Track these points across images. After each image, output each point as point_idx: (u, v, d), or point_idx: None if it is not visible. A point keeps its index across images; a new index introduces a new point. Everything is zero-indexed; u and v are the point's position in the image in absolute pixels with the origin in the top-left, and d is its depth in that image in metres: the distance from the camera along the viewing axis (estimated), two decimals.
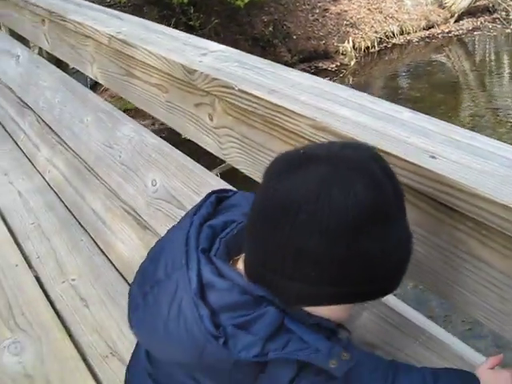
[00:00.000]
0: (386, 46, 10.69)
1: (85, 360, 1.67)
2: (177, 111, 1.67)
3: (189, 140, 1.64)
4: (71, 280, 1.99)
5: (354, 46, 10.22)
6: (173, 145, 1.85)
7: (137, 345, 1.09)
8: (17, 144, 3.04)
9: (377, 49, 10.53)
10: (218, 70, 1.43)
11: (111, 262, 2.01)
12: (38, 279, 2.03)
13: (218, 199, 1.01)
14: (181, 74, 1.54)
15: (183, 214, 1.63)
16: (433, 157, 0.94)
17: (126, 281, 1.92)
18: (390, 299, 1.09)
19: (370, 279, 0.81)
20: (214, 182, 1.60)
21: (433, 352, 1.00)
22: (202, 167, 1.68)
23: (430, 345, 1.01)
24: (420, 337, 1.02)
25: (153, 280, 0.92)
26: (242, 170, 1.43)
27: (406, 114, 1.11)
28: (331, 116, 1.12)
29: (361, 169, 0.79)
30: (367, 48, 10.41)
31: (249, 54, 1.57)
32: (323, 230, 0.77)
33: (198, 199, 1.57)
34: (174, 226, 1.02)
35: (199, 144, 1.59)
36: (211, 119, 1.50)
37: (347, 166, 0.79)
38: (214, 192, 1.02)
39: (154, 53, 1.68)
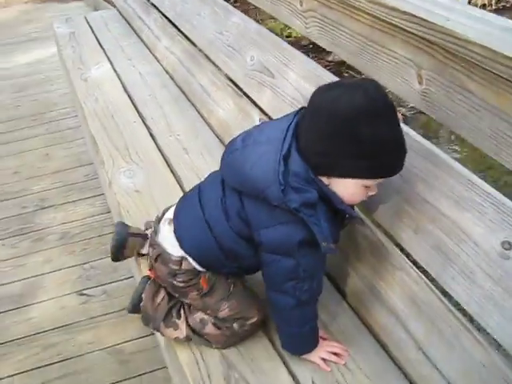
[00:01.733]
0: (504, 6, 10.54)
1: (181, 186, 2.16)
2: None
3: None
4: (177, 135, 2.49)
5: (469, 2, 10.16)
6: None
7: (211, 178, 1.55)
8: (140, 38, 3.56)
9: (494, 7, 10.40)
10: None
11: (210, 126, 2.50)
12: (150, 134, 2.54)
13: None
14: None
15: (273, 80, 2.08)
16: (448, 20, 1.32)
17: (221, 140, 2.40)
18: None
19: (382, 154, 1.26)
20: (301, 57, 2.02)
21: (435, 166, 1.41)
22: (293, 47, 2.10)
23: (434, 162, 1.42)
24: (429, 157, 1.43)
25: (256, 140, 1.38)
26: (320, 44, 1.85)
27: None
28: None
29: (361, 87, 1.26)
30: (483, 5, 10.31)
31: None
32: (341, 120, 1.24)
33: (286, 69, 2.02)
34: (276, 119, 1.48)
35: (289, 25, 2.02)
36: (301, 4, 1.92)
37: (354, 87, 1.28)
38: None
39: None
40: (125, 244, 1.75)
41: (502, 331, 1.20)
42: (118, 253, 1.77)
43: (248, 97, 2.29)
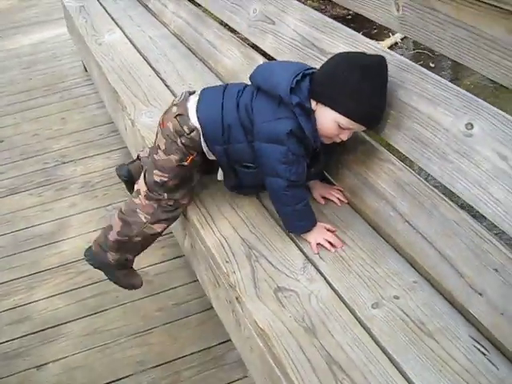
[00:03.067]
0: None
1: None
2: None
3: None
4: (189, 84, 2.81)
5: None
6: None
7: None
8: (146, 7, 3.87)
9: None
10: None
11: (218, 75, 2.82)
12: (165, 85, 2.86)
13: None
14: None
15: (274, 26, 2.39)
16: None
17: None
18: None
19: (362, 103, 1.67)
20: (298, 4, 2.35)
21: (410, 73, 1.75)
22: None
23: (408, 70, 1.75)
24: (404, 67, 1.76)
25: (285, 61, 1.87)
26: None
27: None
28: None
29: (378, 57, 1.72)
30: None
31: None
32: (347, 64, 1.71)
33: (284, 15, 2.35)
34: None
35: None
36: None
37: (372, 55, 1.76)
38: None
39: None
40: (131, 172, 2.19)
41: (468, 192, 1.53)
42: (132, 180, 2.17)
43: (252, 45, 2.61)
